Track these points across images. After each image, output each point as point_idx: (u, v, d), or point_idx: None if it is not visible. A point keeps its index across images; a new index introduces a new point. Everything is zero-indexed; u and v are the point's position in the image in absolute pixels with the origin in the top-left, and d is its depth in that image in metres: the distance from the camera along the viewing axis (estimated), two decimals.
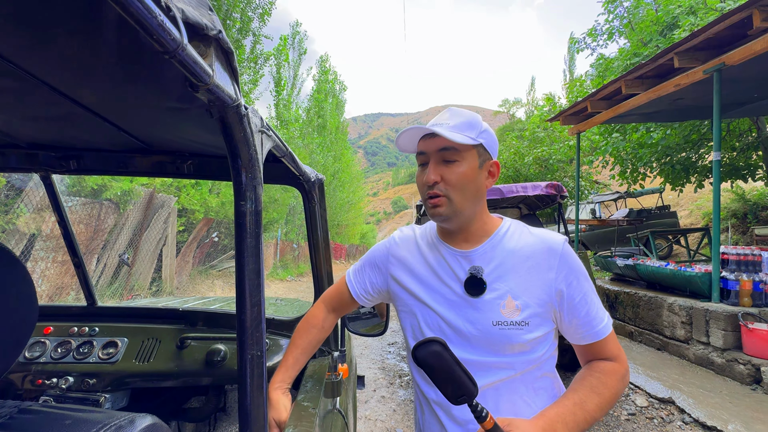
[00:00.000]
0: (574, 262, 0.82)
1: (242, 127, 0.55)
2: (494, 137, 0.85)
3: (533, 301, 0.80)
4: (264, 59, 12.51)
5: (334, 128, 24.80)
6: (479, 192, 0.83)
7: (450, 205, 0.81)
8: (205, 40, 0.45)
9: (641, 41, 8.46)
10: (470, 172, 0.80)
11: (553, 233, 0.86)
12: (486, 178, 0.84)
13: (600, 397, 0.76)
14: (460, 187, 0.80)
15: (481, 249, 0.84)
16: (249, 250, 0.58)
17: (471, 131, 0.80)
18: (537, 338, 0.80)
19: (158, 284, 7.83)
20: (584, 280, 0.82)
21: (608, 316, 0.83)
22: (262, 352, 0.58)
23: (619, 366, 0.81)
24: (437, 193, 0.80)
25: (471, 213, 0.83)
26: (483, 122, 0.84)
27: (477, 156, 0.81)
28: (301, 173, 1.07)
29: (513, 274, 0.81)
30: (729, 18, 3.70)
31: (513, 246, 0.84)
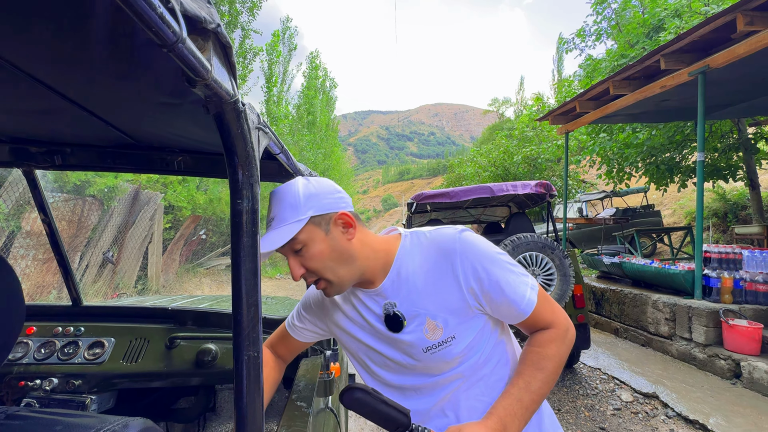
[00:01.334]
0: (473, 252, 0.78)
1: (239, 123, 0.53)
2: (324, 192, 0.79)
3: (451, 314, 0.78)
4: (253, 54, 12.35)
5: (324, 125, 24.64)
6: (345, 254, 0.78)
7: (331, 284, 0.79)
8: (204, 34, 0.44)
9: (628, 43, 8.60)
10: (321, 246, 0.76)
11: (447, 229, 0.82)
12: (342, 234, 0.79)
13: (543, 371, 0.76)
14: (324, 266, 0.77)
15: (387, 283, 0.82)
16: (245, 249, 0.57)
17: (294, 213, 0.75)
18: (471, 342, 0.79)
19: (144, 282, 7.69)
20: (490, 264, 0.78)
21: (531, 287, 0.79)
22: (259, 352, 0.57)
23: (555, 331, 0.80)
24: (313, 280, 0.79)
25: (354, 274, 0.80)
26: (303, 187, 0.77)
27: (315, 227, 0.76)
28: (295, 170, 1.06)
29: (423, 295, 0.79)
30: (713, 21, 3.78)
31: (413, 266, 0.81)
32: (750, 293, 4.05)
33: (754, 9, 3.51)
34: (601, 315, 5.75)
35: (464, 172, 18.30)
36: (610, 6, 10.01)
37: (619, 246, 8.54)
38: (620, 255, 6.47)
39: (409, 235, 0.85)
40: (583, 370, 4.12)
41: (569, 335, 0.81)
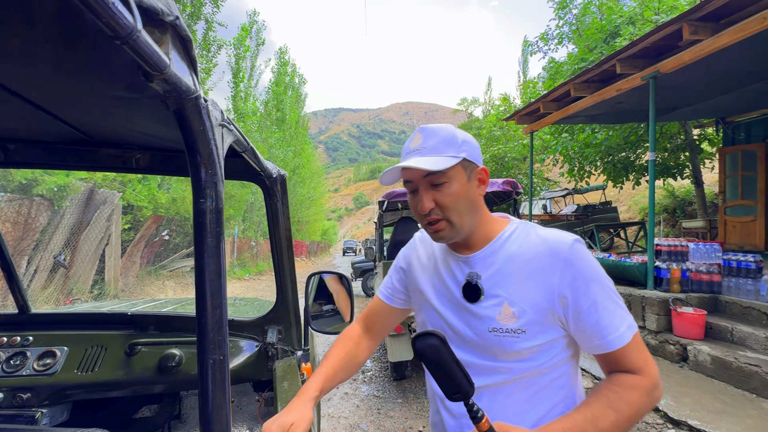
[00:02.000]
0: (582, 266, 0.75)
1: (201, 120, 0.52)
2: (475, 144, 0.83)
3: (531, 309, 0.76)
4: (218, 47, 11.90)
5: (293, 122, 24.20)
6: (474, 204, 0.81)
7: (451, 227, 0.80)
8: (161, 27, 0.42)
9: (587, 47, 9.03)
10: (461, 189, 0.78)
11: (563, 234, 0.79)
12: (477, 188, 0.82)
13: (618, 414, 0.69)
14: (456, 207, 0.79)
15: (481, 254, 0.83)
16: (209, 249, 0.55)
17: (450, 149, 0.78)
18: (537, 346, 0.77)
19: (101, 287, 7.25)
20: (593, 283, 0.74)
21: (628, 324, 0.74)
22: (225, 355, 0.56)
23: (643, 379, 0.72)
24: (435, 218, 0.80)
25: (472, 226, 0.82)
26: (458, 132, 0.81)
27: (463, 171, 0.79)
28: (262, 169, 1.03)
29: (511, 280, 0.79)
30: (662, 30, 4.05)
31: (514, 250, 0.81)
32: (695, 282, 4.38)
33: (698, 19, 3.79)
34: None
35: None
36: (571, 11, 10.46)
37: None
38: None
39: (520, 224, 0.85)
40: None
41: (656, 393, 0.73)
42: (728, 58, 4.11)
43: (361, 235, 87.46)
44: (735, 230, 7.29)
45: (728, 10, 3.61)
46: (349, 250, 35.02)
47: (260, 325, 1.48)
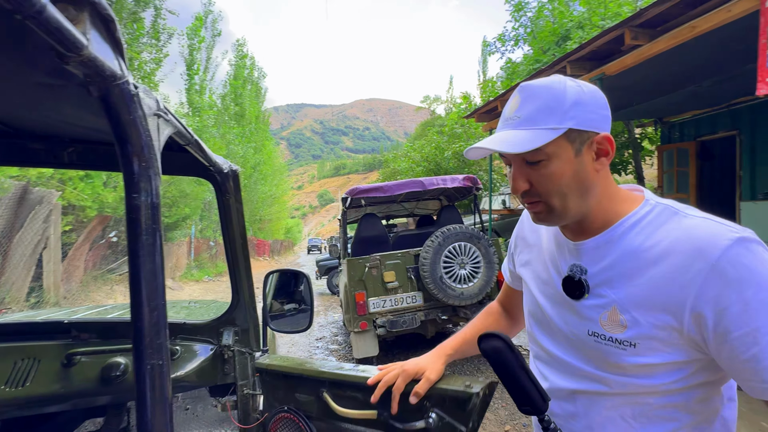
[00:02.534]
0: (742, 276, 0.54)
1: (131, 108, 0.48)
2: (595, 103, 0.62)
3: (649, 321, 0.59)
4: (168, 36, 11.24)
5: (253, 117, 23.42)
6: (585, 184, 0.63)
7: (550, 212, 0.65)
8: (77, 3, 0.38)
9: (541, 49, 9.46)
10: (564, 167, 0.62)
11: (722, 228, 0.57)
12: (593, 161, 0.64)
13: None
14: (557, 189, 0.63)
15: (592, 243, 0.66)
16: (145, 248, 0.51)
17: (551, 118, 0.60)
18: (651, 366, 0.60)
19: (39, 294, 6.65)
20: (758, 304, 0.53)
21: None
22: (164, 360, 0.52)
23: None
24: (533, 200, 0.66)
25: (581, 210, 0.65)
26: (572, 90, 0.61)
27: (569, 144, 0.61)
28: (211, 164, 0.98)
29: (626, 280, 0.62)
30: (607, 35, 4.32)
31: (638, 243, 0.62)
32: None
33: (637, 26, 4.08)
34: None
35: (399, 167, 18.72)
36: (527, 14, 10.91)
37: None
38: None
39: (657, 206, 0.64)
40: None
41: None
42: (664, 63, 4.46)
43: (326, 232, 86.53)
44: None
45: (663, 18, 3.91)
46: (313, 248, 34.58)
47: (215, 328, 1.42)
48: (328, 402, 1.02)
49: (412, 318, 3.78)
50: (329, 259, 9.87)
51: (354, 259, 3.82)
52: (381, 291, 3.80)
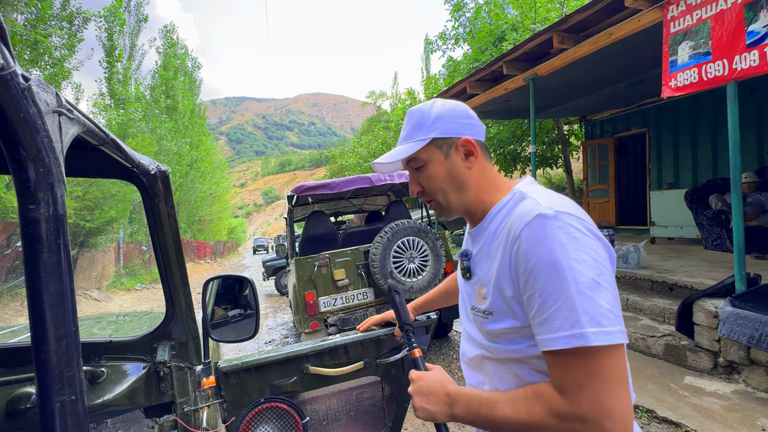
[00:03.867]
0: (533, 244, 0.62)
1: (20, 105, 0.40)
2: (452, 115, 0.78)
3: (495, 291, 0.70)
4: (83, 20, 10.03)
5: (188, 111, 21.81)
6: (459, 180, 0.78)
7: (439, 207, 0.82)
8: None
9: (480, 48, 9.88)
10: (439, 168, 0.78)
11: (537, 206, 0.66)
12: (462, 161, 0.78)
13: (514, 413, 0.63)
14: (437, 188, 0.79)
15: (475, 230, 0.81)
16: (48, 267, 0.44)
17: (420, 132, 0.78)
18: (504, 331, 0.70)
19: None
20: (543, 269, 0.60)
21: (576, 334, 0.57)
22: (78, 395, 0.46)
23: (559, 401, 0.59)
24: (427, 199, 0.83)
25: (463, 203, 0.79)
26: (436, 108, 0.78)
27: (437, 150, 0.78)
28: (134, 165, 0.88)
29: (486, 259, 0.75)
30: (537, 38, 4.62)
31: (495, 227, 0.74)
32: None
33: (564, 30, 4.41)
34: None
35: (346, 163, 18.56)
36: (465, 15, 11.31)
37: None
38: None
39: (515, 194, 0.74)
40: (455, 336, 4.67)
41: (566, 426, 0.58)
42: (587, 66, 4.88)
43: (272, 231, 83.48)
44: (595, 210, 8.81)
45: (585, 24, 4.26)
46: (260, 248, 33.19)
47: (148, 344, 1.30)
48: (318, 371, 1.26)
49: (364, 314, 3.78)
50: (276, 259, 9.54)
51: (302, 259, 3.72)
52: (331, 289, 3.75)
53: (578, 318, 0.57)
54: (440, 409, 0.72)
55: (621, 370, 0.58)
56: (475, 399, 0.69)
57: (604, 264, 0.62)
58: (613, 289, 0.61)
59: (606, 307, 0.58)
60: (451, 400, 0.72)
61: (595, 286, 0.59)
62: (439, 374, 0.77)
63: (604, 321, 0.57)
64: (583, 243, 0.61)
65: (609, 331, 0.57)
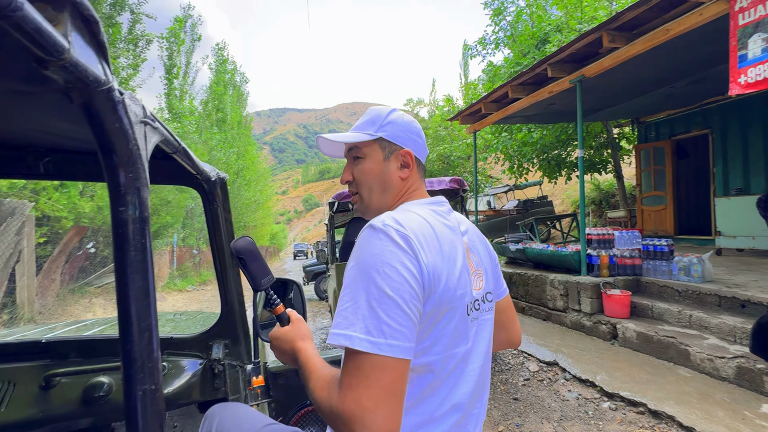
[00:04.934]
0: (356, 249, 0.68)
1: (117, 116, 0.45)
2: (403, 126, 0.83)
3: None
4: (146, 42, 10.97)
5: (235, 123, 23.05)
6: (387, 184, 0.82)
7: (361, 201, 0.84)
8: (55, 3, 0.35)
9: (521, 52, 9.63)
10: (374, 166, 0.81)
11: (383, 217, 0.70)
12: (399, 169, 0.82)
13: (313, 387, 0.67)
14: (366, 182, 0.82)
15: None
16: (134, 265, 0.48)
17: (370, 127, 0.82)
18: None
19: (12, 310, 6.34)
20: (350, 271, 0.66)
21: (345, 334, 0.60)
22: (157, 385, 0.49)
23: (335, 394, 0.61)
24: (352, 191, 0.85)
25: (382, 205, 0.83)
26: (392, 115, 0.83)
27: (380, 149, 0.82)
28: (198, 172, 0.94)
29: None
30: (586, 38, 4.42)
31: None
32: (620, 267, 4.85)
33: (614, 29, 4.19)
34: (511, 297, 6.37)
35: None
36: (506, 19, 11.09)
37: (521, 234, 9.56)
38: (523, 242, 7.24)
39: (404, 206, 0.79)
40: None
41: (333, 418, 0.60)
42: (640, 65, 4.60)
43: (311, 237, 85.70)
44: (650, 218, 8.20)
45: (639, 21, 4.03)
46: (300, 254, 34.15)
47: (204, 341, 1.37)
48: None
49: None
50: (316, 264, 9.76)
51: (343, 264, 3.78)
52: None
53: (354, 321, 0.61)
54: (291, 363, 0.80)
55: (388, 383, 0.59)
56: (305, 364, 0.73)
57: (401, 281, 0.63)
58: (405, 305, 0.62)
59: (385, 320, 0.60)
60: (295, 357, 0.78)
61: (384, 298, 0.61)
62: (293, 330, 0.82)
63: (375, 332, 0.60)
64: (394, 257, 0.64)
65: (375, 341, 0.59)
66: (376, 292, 0.62)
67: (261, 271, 0.86)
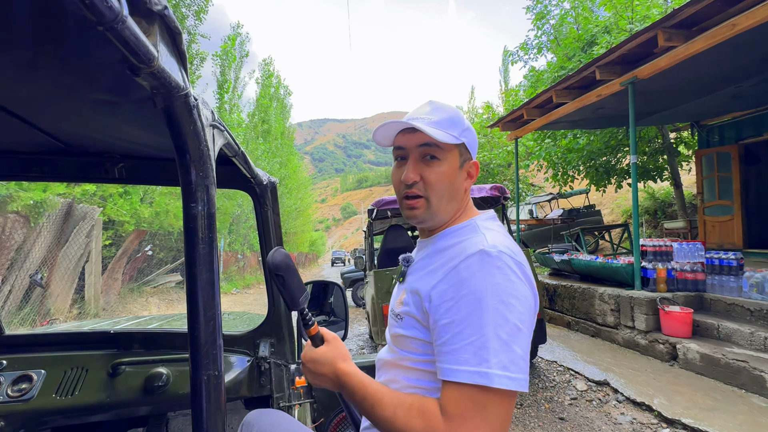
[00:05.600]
0: (468, 277, 0.63)
1: (192, 119, 0.49)
2: (475, 136, 0.81)
3: (411, 300, 0.73)
4: (200, 60, 11.82)
5: (279, 134, 24.10)
6: (457, 194, 0.78)
7: (427, 207, 0.76)
8: (149, 16, 0.39)
9: (566, 56, 9.28)
10: (451, 172, 0.75)
11: (483, 243, 0.68)
12: (465, 179, 0.80)
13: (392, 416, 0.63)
14: (439, 188, 0.75)
15: (424, 241, 0.83)
16: (202, 257, 0.51)
17: (454, 129, 0.75)
18: (409, 338, 0.72)
19: (81, 306, 6.98)
20: (470, 303, 0.61)
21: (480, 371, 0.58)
22: (220, 371, 0.52)
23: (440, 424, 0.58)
24: (415, 194, 0.76)
25: (446, 215, 0.78)
26: (467, 121, 0.80)
27: (458, 156, 0.77)
28: (253, 175, 1.00)
29: (420, 270, 0.77)
30: (639, 37, 4.19)
31: (441, 244, 0.77)
32: (681, 281, 4.47)
33: (671, 26, 3.93)
34: (555, 310, 6.06)
35: None
36: (549, 22, 10.77)
37: (566, 244, 9.10)
38: (569, 252, 6.89)
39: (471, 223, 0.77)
40: (540, 363, 4.30)
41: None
42: (701, 64, 4.27)
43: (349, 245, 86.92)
44: (714, 229, 7.50)
45: (700, 17, 3.75)
46: (337, 261, 34.74)
47: (252, 339, 1.43)
48: None
49: None
50: (354, 271, 9.87)
51: (381, 271, 3.79)
52: None
53: (487, 357, 0.58)
54: (330, 386, 0.75)
55: (505, 416, 0.59)
56: (361, 389, 0.69)
57: (529, 311, 0.64)
58: (530, 335, 0.63)
59: (519, 353, 0.60)
60: (340, 381, 0.72)
61: (515, 331, 0.60)
62: (331, 350, 0.76)
63: (512, 367, 0.58)
64: (516, 287, 0.63)
65: (514, 377, 0.58)
66: (505, 325, 0.60)
67: (299, 287, 0.78)
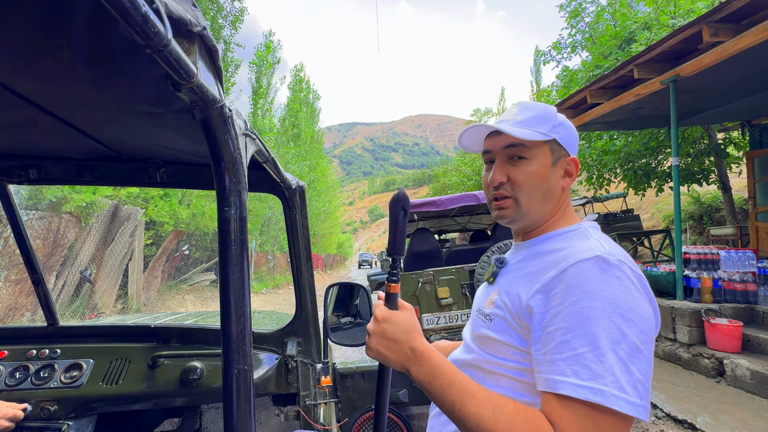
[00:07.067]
0: (577, 285, 0.59)
1: (226, 128, 0.52)
2: (572, 131, 0.77)
3: (508, 302, 0.69)
4: (235, 67, 12.33)
5: (308, 138, 24.67)
6: (551, 193, 0.74)
7: (516, 207, 0.74)
8: (189, 37, 0.43)
9: (602, 54, 8.94)
10: (541, 170, 0.72)
11: (591, 249, 0.63)
12: (562, 177, 0.75)
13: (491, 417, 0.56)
14: (529, 187, 0.72)
15: (522, 244, 0.79)
16: (234, 258, 0.55)
17: (542, 126, 0.72)
18: (496, 341, 0.69)
19: (124, 301, 7.43)
20: (582, 311, 0.57)
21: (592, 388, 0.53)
22: (249, 366, 0.55)
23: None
24: (503, 194, 0.74)
25: (540, 216, 0.75)
26: (559, 115, 0.76)
27: (550, 153, 0.73)
28: (282, 180, 1.04)
29: (516, 272, 0.74)
30: (682, 33, 3.97)
31: (542, 249, 0.72)
32: (729, 292, 4.17)
33: (717, 21, 3.71)
34: None
35: (449, 182, 18.52)
36: (584, 20, 10.41)
37: None
38: None
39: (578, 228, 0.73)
40: None
41: None
42: (751, 60, 3.99)
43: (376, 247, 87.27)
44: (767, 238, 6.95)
45: (749, 10, 3.52)
46: (364, 263, 35.00)
47: (280, 338, 1.48)
48: None
49: None
50: (380, 274, 9.92)
51: (407, 274, 3.79)
52: (435, 307, 3.72)
53: (602, 374, 0.53)
54: (397, 360, 0.66)
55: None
56: (447, 375, 0.62)
57: (649, 332, 0.58)
58: (651, 360, 0.57)
59: (638, 376, 0.54)
60: (415, 358, 0.65)
61: (634, 350, 0.55)
62: (409, 321, 0.68)
63: (630, 389, 0.53)
64: (637, 302, 0.58)
65: (632, 401, 0.53)
66: (625, 342, 0.55)
67: (404, 237, 0.72)
